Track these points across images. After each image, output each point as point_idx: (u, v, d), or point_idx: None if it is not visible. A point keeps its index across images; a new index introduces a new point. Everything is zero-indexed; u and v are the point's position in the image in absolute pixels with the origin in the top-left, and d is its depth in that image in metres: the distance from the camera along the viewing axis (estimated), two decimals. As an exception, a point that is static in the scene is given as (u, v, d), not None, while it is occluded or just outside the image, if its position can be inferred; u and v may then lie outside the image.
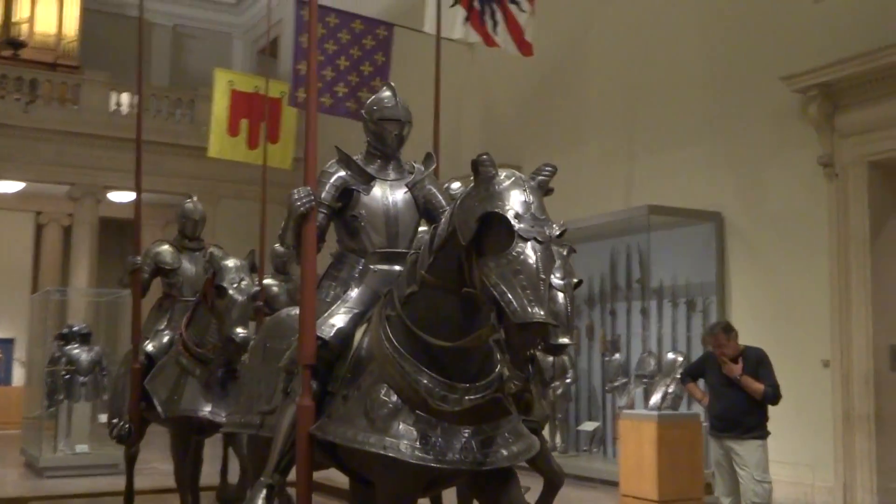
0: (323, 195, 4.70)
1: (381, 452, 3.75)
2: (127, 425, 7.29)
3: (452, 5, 11.53)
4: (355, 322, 4.44)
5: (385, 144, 4.91)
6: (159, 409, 6.76)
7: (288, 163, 16.69)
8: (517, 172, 3.69)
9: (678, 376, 9.82)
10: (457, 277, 3.75)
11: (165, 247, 7.93)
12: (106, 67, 21.21)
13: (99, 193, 20.54)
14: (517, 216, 3.45)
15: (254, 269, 6.65)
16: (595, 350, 12.53)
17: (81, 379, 12.20)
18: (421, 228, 4.91)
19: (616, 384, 11.60)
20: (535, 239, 3.44)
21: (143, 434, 7.68)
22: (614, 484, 9.90)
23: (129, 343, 8.02)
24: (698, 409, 10.16)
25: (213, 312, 6.50)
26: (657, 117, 11.98)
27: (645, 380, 10.67)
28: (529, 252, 3.40)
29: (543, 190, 3.66)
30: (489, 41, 11.67)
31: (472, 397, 3.79)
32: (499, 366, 3.94)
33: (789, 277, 10.07)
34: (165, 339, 7.42)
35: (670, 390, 9.75)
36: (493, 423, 3.85)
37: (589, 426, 11.97)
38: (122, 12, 22.64)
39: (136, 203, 8.35)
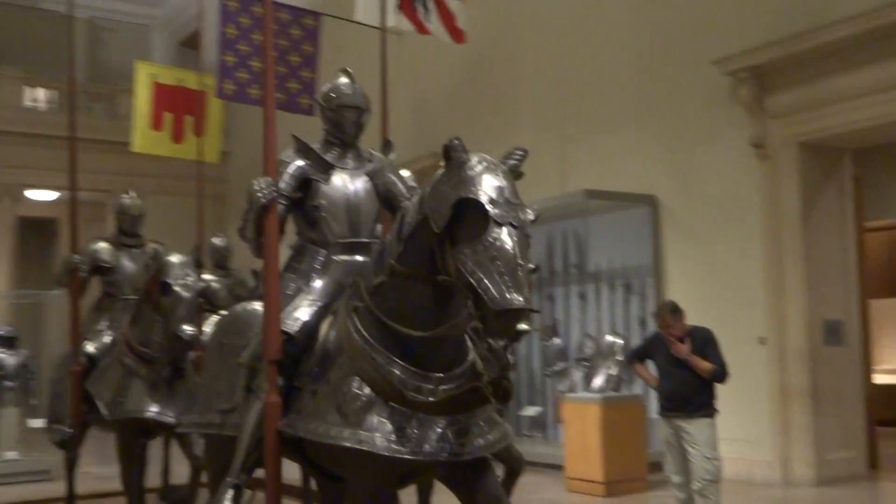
0: (282, 185, 4.57)
1: (356, 447, 3.66)
2: (69, 429, 7.04)
3: (383, -8, 11.39)
4: (320, 315, 4.34)
5: (343, 132, 4.81)
6: (104, 411, 6.53)
7: (215, 156, 16.40)
8: (488, 157, 3.61)
9: (619, 359, 9.95)
10: (428, 266, 3.67)
11: (103, 244, 7.69)
12: (19, 62, 20.58)
13: (16, 192, 19.95)
14: (492, 201, 3.38)
15: (199, 264, 6.49)
16: (534, 335, 12.59)
17: (8, 384, 11.79)
18: None
19: (556, 368, 11.62)
20: (511, 224, 3.37)
21: (84, 438, 7.44)
22: (559, 467, 9.94)
23: (56, 345, 7.78)
24: (640, 390, 10.31)
25: (157, 310, 6.31)
26: (589, 102, 12.05)
27: (585, 363, 10.72)
28: (505, 237, 3.33)
29: (514, 174, 3.59)
30: (421, 29, 11.58)
31: (446, 387, 3.73)
32: (471, 354, 3.89)
33: (724, 257, 10.23)
34: (107, 340, 7.20)
35: (612, 373, 9.82)
36: (468, 412, 3.79)
37: (531, 411, 12.00)
38: (34, 5, 21.94)
39: (72, 200, 8.05)
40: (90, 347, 7.15)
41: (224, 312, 8.58)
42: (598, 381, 9.81)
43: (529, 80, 13.15)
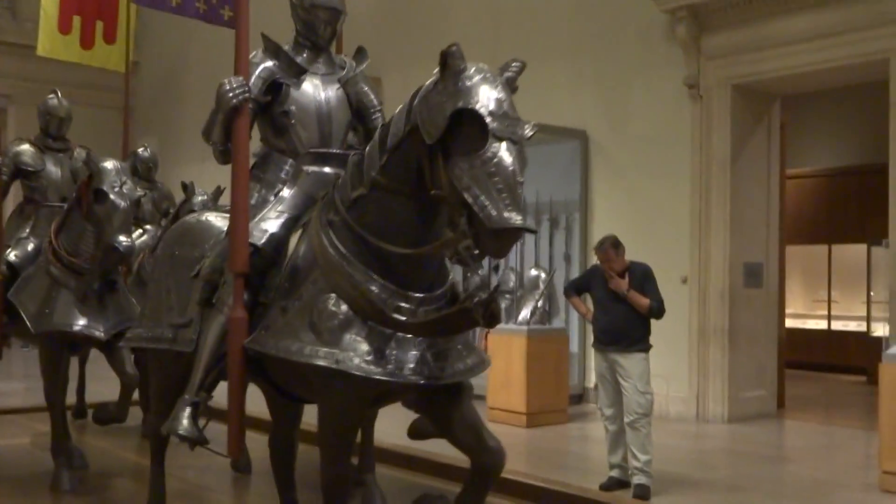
0: (253, 93, 4.30)
1: (332, 366, 3.50)
2: None
3: None
4: (288, 227, 4.12)
5: (316, 35, 4.54)
6: (28, 323, 6.15)
7: (122, 65, 15.71)
8: (486, 67, 3.42)
9: (544, 291, 9.99)
10: (415, 180, 3.51)
11: (26, 146, 7.20)
12: None
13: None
14: (491, 114, 3.21)
15: (135, 172, 6.13)
16: (456, 267, 12.53)
17: None
18: None
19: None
20: (510, 139, 3.22)
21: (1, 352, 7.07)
22: (480, 398, 9.96)
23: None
24: (563, 323, 10.39)
25: (89, 219, 5.94)
26: (523, 34, 11.84)
27: (507, 296, 10.71)
28: (504, 153, 3.18)
29: (511, 87, 3.42)
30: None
31: (427, 308, 3.59)
32: (451, 275, 3.77)
33: (652, 196, 10.28)
34: (30, 248, 6.77)
35: (539, 305, 9.84)
36: (453, 334, 3.66)
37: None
38: None
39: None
40: (12, 255, 6.73)
41: (148, 227, 8.28)
42: (524, 313, 9.82)
43: (461, 7, 12.88)
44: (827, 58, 9.15)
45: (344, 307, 3.58)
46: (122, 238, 5.69)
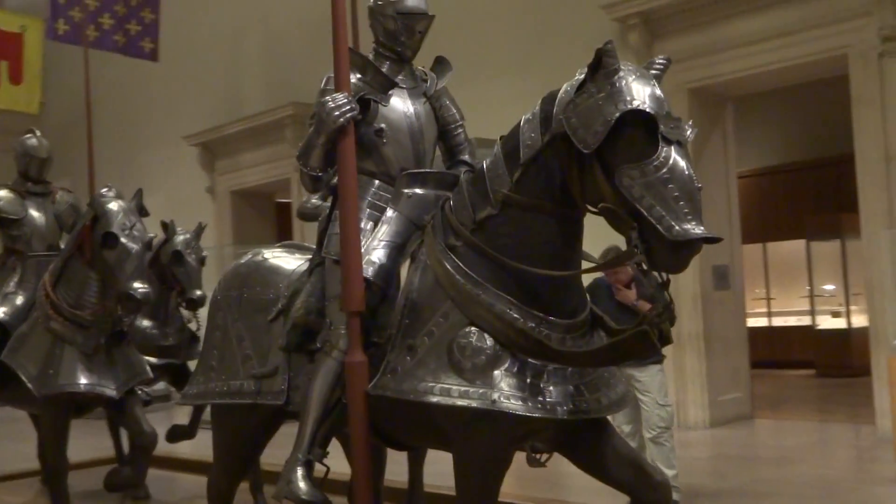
0: None
1: (488, 407, 3.12)
2: None
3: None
4: (395, 258, 3.70)
5: (404, 46, 4.08)
6: (31, 386, 5.53)
7: (34, 106, 14.92)
8: (632, 64, 3.14)
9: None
10: (557, 194, 3.19)
11: (4, 192, 6.56)
12: None
13: None
14: (657, 116, 2.91)
15: (142, 211, 5.60)
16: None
17: None
18: None
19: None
20: (678, 142, 2.92)
21: None
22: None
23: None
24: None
25: (93, 266, 5.43)
26: (473, 47, 11.59)
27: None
28: (678, 157, 2.88)
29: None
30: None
31: (573, 336, 3.26)
32: (588, 299, 3.48)
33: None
34: (19, 303, 6.13)
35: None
36: (628, 361, 3.36)
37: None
38: None
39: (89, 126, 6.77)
40: (0, 313, 6.09)
41: None
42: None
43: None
44: (784, 56, 9.20)
45: (489, 341, 3.21)
46: (137, 284, 5.19)
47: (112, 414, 5.80)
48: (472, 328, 3.25)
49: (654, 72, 3.16)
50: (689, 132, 3.03)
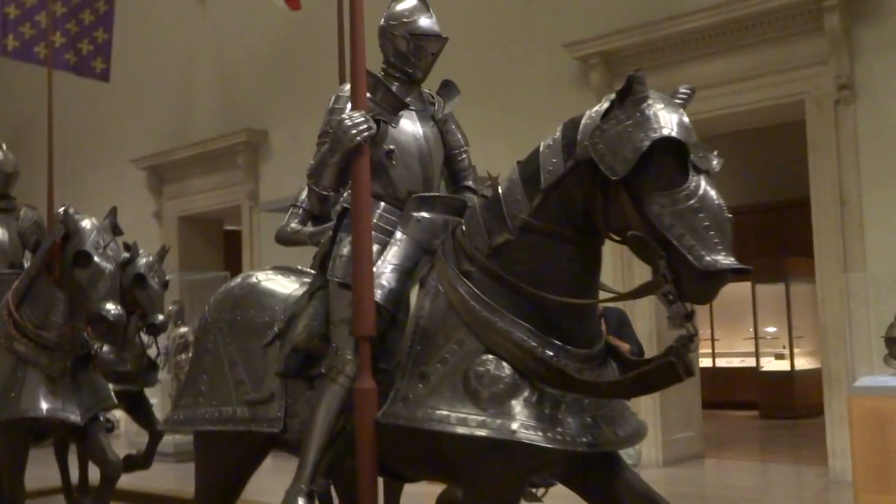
0: None
1: (506, 438, 3.05)
2: None
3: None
4: (404, 282, 3.61)
5: (415, 67, 4.00)
6: None
7: None
8: (659, 92, 3.09)
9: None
10: (579, 221, 3.16)
11: None
12: None
13: None
14: (687, 144, 2.90)
15: (116, 230, 5.41)
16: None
17: None
18: None
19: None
20: (707, 171, 2.91)
21: None
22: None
23: None
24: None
25: (62, 286, 5.24)
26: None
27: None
28: (707, 187, 2.86)
29: None
30: (255, -9, 10.73)
31: (589, 366, 3.22)
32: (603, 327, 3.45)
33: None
34: None
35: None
36: (651, 392, 3.31)
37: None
38: None
39: None
40: None
41: None
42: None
43: (358, 54, 12.55)
44: (742, 101, 9.37)
45: (508, 369, 3.14)
46: (109, 306, 5.00)
47: (75, 441, 5.55)
48: (490, 356, 3.18)
49: (678, 101, 3.13)
50: (715, 162, 3.01)
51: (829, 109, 8.76)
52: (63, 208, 5.35)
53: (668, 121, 2.94)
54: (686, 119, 3.01)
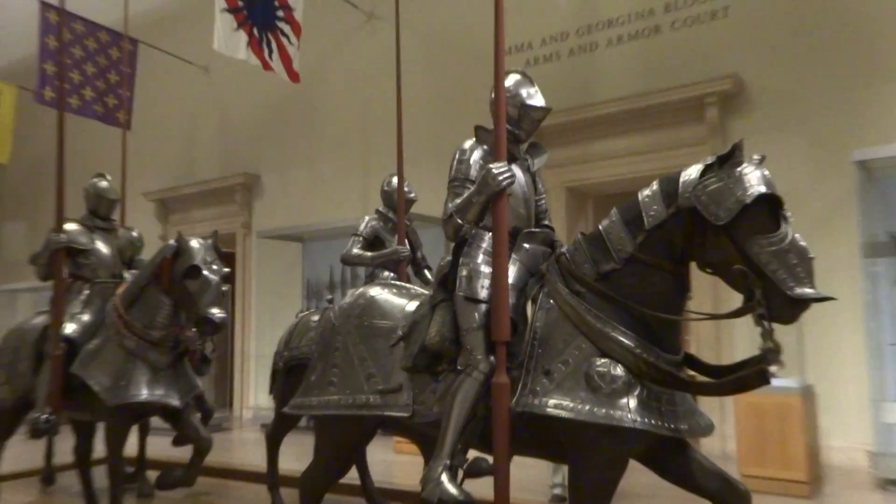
0: (472, 174, 3.63)
1: (629, 426, 2.92)
2: (45, 416, 4.94)
3: (236, 29, 10.01)
4: (518, 297, 3.41)
5: (522, 130, 3.84)
6: (103, 396, 4.75)
7: (5, 157, 13.68)
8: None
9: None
10: (678, 255, 3.06)
11: (75, 226, 5.70)
12: None
13: None
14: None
15: (217, 249, 4.99)
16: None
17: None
18: None
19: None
20: (788, 220, 2.88)
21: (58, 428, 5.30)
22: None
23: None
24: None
25: (167, 293, 4.80)
26: (390, 141, 11.38)
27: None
28: (793, 233, 2.84)
29: None
30: (266, 66, 10.27)
31: (675, 371, 3.07)
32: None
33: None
34: (86, 321, 5.28)
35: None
36: (743, 392, 3.14)
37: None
38: None
39: (58, 172, 5.70)
40: (69, 330, 5.18)
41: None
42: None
43: (333, 119, 12.17)
44: (641, 169, 9.48)
45: (621, 370, 2.99)
46: (215, 310, 4.61)
47: (169, 422, 5.06)
48: (606, 359, 3.03)
49: (755, 163, 3.05)
50: (790, 214, 2.96)
51: (707, 177, 8.94)
52: (178, 231, 4.96)
53: (759, 180, 2.90)
54: (769, 176, 2.95)
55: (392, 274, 5.75)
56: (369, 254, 5.75)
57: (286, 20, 10.34)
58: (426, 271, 6.05)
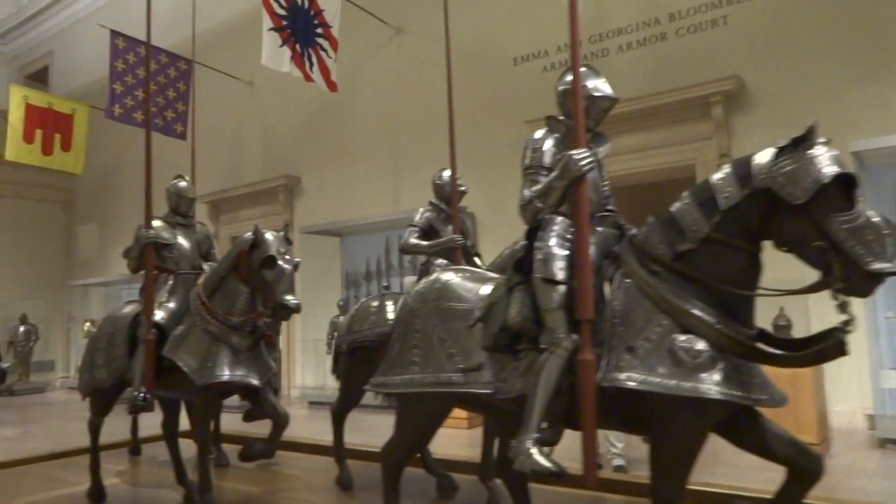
0: (547, 161, 3.48)
1: (714, 397, 2.78)
2: (142, 395, 4.90)
3: (281, 46, 9.91)
4: (595, 277, 3.23)
5: (590, 119, 3.64)
6: (192, 377, 4.70)
7: (79, 168, 13.65)
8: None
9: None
10: (753, 235, 2.91)
11: (160, 223, 5.65)
12: None
13: None
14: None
15: (288, 240, 4.92)
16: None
17: None
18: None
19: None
20: (860, 200, 2.74)
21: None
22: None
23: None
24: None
25: (247, 283, 4.73)
26: (417, 143, 11.30)
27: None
28: (868, 211, 2.71)
29: None
30: (308, 77, 10.19)
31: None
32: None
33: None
34: (172, 308, 5.24)
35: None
36: (822, 363, 3.01)
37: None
38: None
39: (147, 178, 5.64)
40: (158, 317, 5.13)
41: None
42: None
43: (365, 124, 12.08)
44: (650, 163, 9.37)
45: (703, 344, 2.85)
46: (290, 297, 4.53)
47: (249, 400, 4.98)
48: (689, 335, 2.89)
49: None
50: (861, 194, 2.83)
51: (713, 170, 8.71)
52: (255, 225, 4.87)
53: (831, 160, 2.76)
54: (839, 156, 2.82)
55: (446, 261, 5.62)
56: (425, 243, 5.61)
57: (325, 36, 10.24)
58: (476, 258, 5.93)
